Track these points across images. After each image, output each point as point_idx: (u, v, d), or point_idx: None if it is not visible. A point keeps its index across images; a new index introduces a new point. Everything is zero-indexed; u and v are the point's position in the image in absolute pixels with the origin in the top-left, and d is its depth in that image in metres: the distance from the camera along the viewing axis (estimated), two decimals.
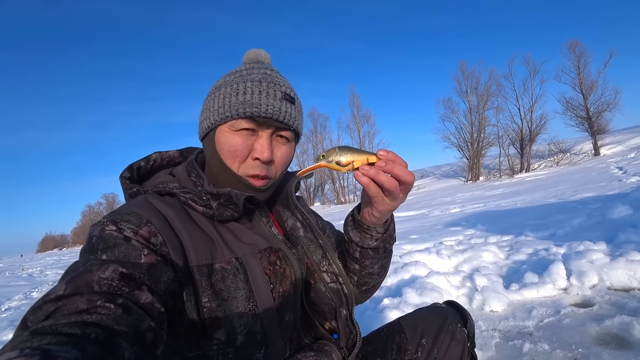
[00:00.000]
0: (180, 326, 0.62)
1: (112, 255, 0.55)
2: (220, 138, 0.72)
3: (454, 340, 0.87)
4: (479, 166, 27.82)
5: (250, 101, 0.70)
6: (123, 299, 0.49)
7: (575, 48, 25.36)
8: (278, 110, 0.72)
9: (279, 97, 0.72)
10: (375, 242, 0.78)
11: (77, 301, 0.46)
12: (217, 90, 0.74)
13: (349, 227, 0.80)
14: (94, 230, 0.59)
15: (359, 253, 0.81)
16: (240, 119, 0.71)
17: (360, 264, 0.82)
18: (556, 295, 2.31)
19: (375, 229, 0.77)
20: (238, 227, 0.74)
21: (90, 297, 0.47)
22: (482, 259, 3.27)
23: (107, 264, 0.52)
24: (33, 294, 7.24)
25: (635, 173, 8.91)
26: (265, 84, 0.72)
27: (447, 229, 5.48)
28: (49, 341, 0.39)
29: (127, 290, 0.51)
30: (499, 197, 10.44)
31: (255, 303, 0.67)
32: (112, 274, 0.51)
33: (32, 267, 18.05)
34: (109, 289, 0.49)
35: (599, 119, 24.65)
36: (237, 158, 0.72)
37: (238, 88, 0.72)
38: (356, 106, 33.26)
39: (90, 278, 0.50)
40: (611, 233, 3.13)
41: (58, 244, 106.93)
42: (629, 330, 1.66)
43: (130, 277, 0.52)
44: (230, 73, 0.76)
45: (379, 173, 0.63)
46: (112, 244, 0.56)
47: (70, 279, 0.49)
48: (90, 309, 0.46)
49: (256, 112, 0.70)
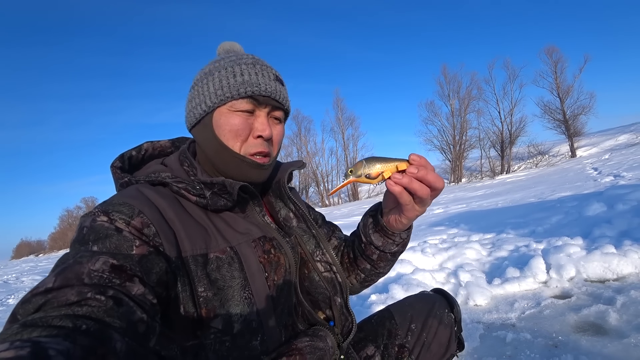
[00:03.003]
0: (176, 316, 0.62)
1: (103, 247, 0.55)
2: (220, 120, 0.73)
3: (442, 325, 0.90)
4: (461, 168, 28.36)
5: (250, 81, 0.72)
6: (114, 290, 0.49)
7: (552, 54, 26.21)
8: (274, 89, 0.74)
9: (272, 78, 0.74)
10: (396, 247, 0.80)
11: (67, 293, 0.46)
12: (209, 75, 0.74)
13: (369, 230, 0.81)
14: (85, 221, 0.59)
15: (377, 256, 0.82)
16: (240, 99, 0.72)
17: (375, 265, 0.84)
18: (537, 288, 2.39)
19: (400, 235, 0.78)
20: (232, 216, 0.74)
21: (80, 290, 0.47)
22: (466, 256, 3.34)
23: (97, 255, 0.52)
24: (9, 300, 6.97)
25: (609, 173, 9.23)
26: (259, 66, 0.74)
27: (431, 229, 5.57)
28: (40, 333, 0.38)
29: (118, 282, 0.50)
30: (481, 197, 10.65)
31: (250, 291, 0.67)
32: (103, 265, 0.51)
33: (7, 274, 17.35)
34: (99, 280, 0.49)
35: (575, 122, 25.51)
36: (240, 137, 0.72)
37: (234, 70, 0.72)
38: (340, 109, 33.46)
39: (80, 270, 0.49)
40: (587, 229, 3.25)
41: (34, 250, 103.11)
42: (605, 318, 1.75)
43: (121, 269, 0.52)
44: (217, 60, 0.77)
45: (412, 181, 0.62)
46: (104, 235, 0.56)
47: (59, 271, 0.49)
48: (81, 301, 0.45)
49: (257, 91, 0.72)
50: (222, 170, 0.75)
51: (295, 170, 0.89)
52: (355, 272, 0.88)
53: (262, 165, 0.75)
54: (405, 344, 0.89)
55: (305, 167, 0.92)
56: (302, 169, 0.91)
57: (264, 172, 0.76)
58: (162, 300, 0.58)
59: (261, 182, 0.79)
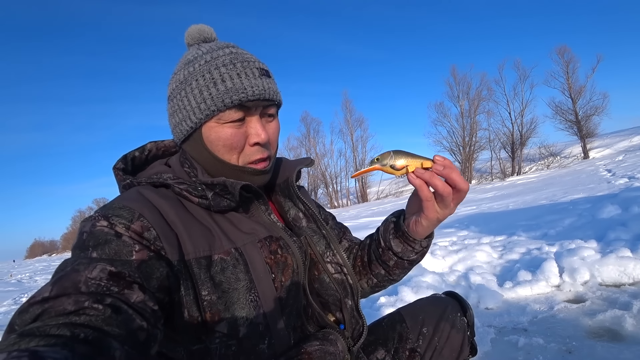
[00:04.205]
0: (180, 320, 0.61)
1: (102, 253, 0.54)
2: (210, 135, 0.69)
3: (454, 329, 0.88)
4: (471, 170, 28.06)
5: (234, 88, 0.66)
6: (112, 298, 0.48)
7: (564, 54, 25.78)
8: (262, 88, 0.68)
9: (257, 74, 0.69)
10: (415, 256, 0.79)
11: (63, 302, 0.45)
12: (186, 86, 0.69)
13: (390, 235, 0.79)
14: (85, 226, 0.58)
15: (393, 262, 0.80)
16: (228, 110, 0.67)
17: (389, 272, 0.82)
18: (549, 292, 2.34)
19: (420, 242, 0.76)
20: (236, 216, 0.72)
21: (77, 298, 0.46)
22: (476, 259, 3.30)
23: (95, 262, 0.51)
24: (22, 299, 7.11)
25: (623, 175, 9.06)
26: (239, 65, 0.68)
27: (441, 231, 5.51)
28: (37, 343, 0.38)
29: (116, 290, 0.49)
30: (491, 199, 10.53)
31: (256, 294, 0.65)
32: (100, 273, 0.50)
33: (21, 273, 17.72)
34: (97, 289, 0.48)
35: (588, 122, 25.03)
36: (235, 150, 0.69)
37: (213, 77, 0.67)
38: (349, 110, 33.38)
39: (77, 278, 0.48)
40: (601, 232, 3.18)
41: (47, 250, 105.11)
42: (621, 324, 1.70)
43: (119, 276, 0.51)
44: (190, 62, 0.70)
45: (434, 176, 0.63)
46: (103, 240, 0.55)
47: (56, 280, 0.48)
48: (79, 310, 0.45)
49: (244, 97, 0.66)
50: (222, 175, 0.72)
51: (304, 168, 0.87)
52: (367, 277, 0.86)
53: (264, 171, 0.73)
54: (417, 348, 0.87)
55: (313, 164, 0.89)
56: (310, 166, 0.88)
57: (267, 175, 0.75)
58: (164, 305, 0.57)
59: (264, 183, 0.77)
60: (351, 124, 33.25)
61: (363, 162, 32.47)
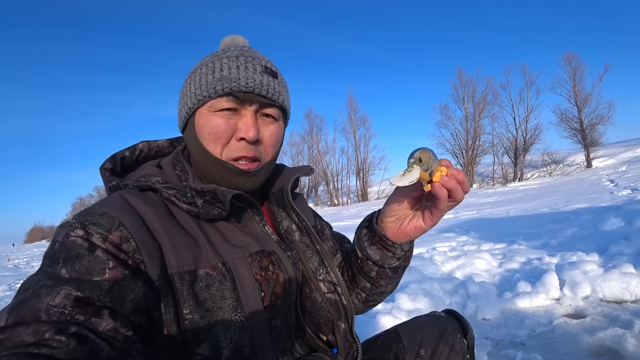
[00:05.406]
0: (159, 339, 0.56)
1: (72, 270, 0.49)
2: (200, 122, 0.66)
3: (454, 352, 0.84)
4: (472, 174, 27.99)
5: (228, 76, 0.64)
6: (77, 327, 0.44)
7: (571, 61, 25.66)
8: (259, 83, 0.65)
9: (259, 70, 0.66)
10: (397, 262, 0.73)
11: (21, 333, 0.41)
12: (193, 74, 0.68)
13: (364, 243, 0.74)
14: (59, 234, 0.53)
15: (375, 273, 0.75)
16: (219, 98, 0.64)
17: (374, 284, 0.77)
18: (549, 305, 2.30)
19: (401, 246, 0.71)
20: (227, 226, 0.67)
21: (36, 328, 0.42)
22: (475, 266, 3.26)
23: (59, 285, 0.47)
24: (17, 285, 7.10)
25: (626, 186, 8.99)
26: (242, 59, 0.66)
27: (440, 235, 5.48)
28: None
29: (82, 319, 0.45)
30: (492, 205, 10.49)
31: (243, 313, 0.61)
32: (64, 300, 0.45)
33: (19, 258, 17.75)
34: (59, 317, 0.44)
35: (593, 131, 24.95)
36: (220, 140, 0.65)
37: (214, 66, 0.66)
38: (353, 109, 33.33)
39: (37, 306, 0.44)
40: (604, 244, 3.14)
41: (46, 235, 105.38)
42: (622, 343, 1.66)
43: (86, 302, 0.47)
44: (206, 56, 0.71)
45: (458, 186, 0.59)
46: (75, 254, 0.51)
47: (14, 306, 0.44)
48: (39, 342, 0.41)
49: (235, 87, 0.63)
50: (208, 177, 0.68)
51: (302, 177, 0.82)
52: (355, 291, 0.81)
53: (247, 172, 0.66)
54: None
55: (312, 174, 0.85)
56: (309, 175, 0.83)
57: (252, 179, 0.68)
58: (142, 327, 0.53)
59: (256, 189, 0.72)
60: (354, 122, 33.26)
61: (365, 161, 32.43)
